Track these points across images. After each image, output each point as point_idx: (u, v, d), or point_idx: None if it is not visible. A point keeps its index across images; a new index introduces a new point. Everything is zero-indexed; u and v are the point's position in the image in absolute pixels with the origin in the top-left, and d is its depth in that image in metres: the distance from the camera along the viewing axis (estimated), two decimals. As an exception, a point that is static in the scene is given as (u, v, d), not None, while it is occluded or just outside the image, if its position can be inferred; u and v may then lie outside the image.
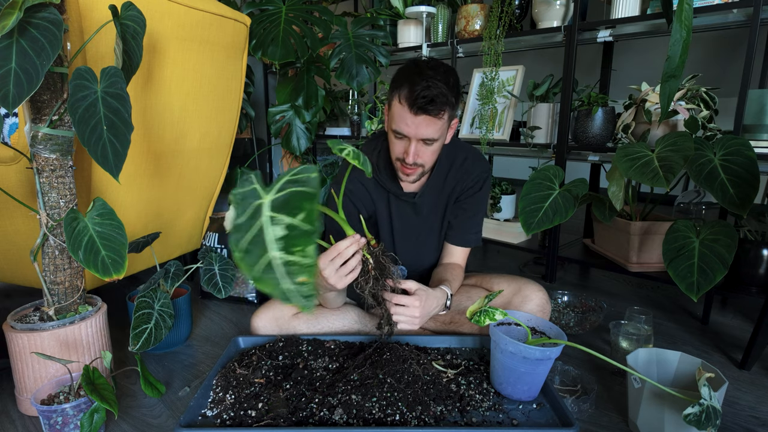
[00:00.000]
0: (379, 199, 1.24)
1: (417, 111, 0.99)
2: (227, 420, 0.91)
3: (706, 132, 1.49)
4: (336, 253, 0.94)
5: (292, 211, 0.53)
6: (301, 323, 1.24)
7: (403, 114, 1.02)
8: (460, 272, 1.27)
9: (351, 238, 0.95)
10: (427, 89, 0.98)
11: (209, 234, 1.76)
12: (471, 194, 1.23)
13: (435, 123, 1.02)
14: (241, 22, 1.54)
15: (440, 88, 0.98)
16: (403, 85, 1.01)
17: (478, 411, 0.94)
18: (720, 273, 1.14)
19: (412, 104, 0.99)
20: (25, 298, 1.54)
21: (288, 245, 0.52)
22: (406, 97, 1.00)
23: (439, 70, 1.01)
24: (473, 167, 1.23)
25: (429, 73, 0.99)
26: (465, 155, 1.24)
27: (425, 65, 1.02)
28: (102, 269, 0.89)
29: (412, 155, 1.06)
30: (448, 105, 1.01)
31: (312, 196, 0.54)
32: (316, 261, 0.52)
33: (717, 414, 0.80)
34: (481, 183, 1.24)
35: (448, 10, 2.16)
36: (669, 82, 1.27)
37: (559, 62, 1.76)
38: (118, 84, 0.91)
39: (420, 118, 1.00)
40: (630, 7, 1.60)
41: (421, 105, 0.98)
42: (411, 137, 1.04)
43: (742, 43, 3.00)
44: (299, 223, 0.52)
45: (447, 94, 1.00)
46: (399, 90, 1.02)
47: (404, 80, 1.01)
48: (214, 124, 1.55)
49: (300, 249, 0.52)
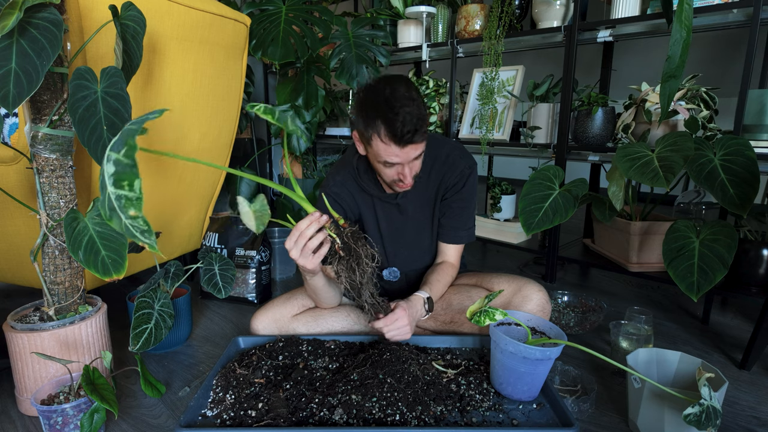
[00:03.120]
0: (363, 202, 1.25)
1: (404, 144, 1.00)
2: (227, 420, 0.91)
3: (706, 132, 1.49)
4: (298, 233, 0.96)
5: (119, 148, 0.61)
6: (301, 324, 1.24)
7: (389, 150, 1.02)
8: (450, 271, 1.27)
9: (310, 216, 0.96)
10: (405, 124, 0.97)
11: (209, 234, 1.76)
12: (457, 190, 1.23)
13: (421, 144, 1.04)
14: (241, 22, 1.54)
15: (414, 114, 0.98)
16: (379, 125, 0.99)
17: (478, 411, 0.94)
18: (720, 273, 1.14)
19: (398, 141, 0.99)
20: (25, 298, 1.54)
21: (117, 180, 0.60)
22: (387, 135, 0.99)
23: (404, 97, 0.99)
24: (457, 162, 1.22)
25: (397, 105, 0.97)
26: (448, 151, 1.23)
27: (391, 97, 0.99)
28: (102, 269, 0.89)
29: (410, 176, 1.07)
30: (425, 122, 1.02)
31: (133, 132, 0.61)
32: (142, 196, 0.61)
33: (717, 414, 0.80)
34: (465, 178, 1.22)
35: (448, 10, 2.16)
36: (669, 82, 1.27)
37: (559, 62, 1.76)
38: (118, 84, 0.91)
39: (408, 148, 1.01)
40: (630, 7, 1.60)
41: (408, 139, 0.99)
42: (404, 163, 1.05)
43: (742, 43, 3.00)
44: (122, 158, 0.60)
45: (423, 115, 1.00)
46: (375, 129, 1.00)
47: (377, 118, 0.99)
48: (214, 125, 1.55)
49: (127, 183, 0.60)
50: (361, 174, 1.22)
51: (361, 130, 1.05)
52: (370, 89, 1.03)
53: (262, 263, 1.71)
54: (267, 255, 1.74)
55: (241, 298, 1.71)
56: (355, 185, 1.24)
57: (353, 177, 1.23)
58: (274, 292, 1.83)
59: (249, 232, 1.73)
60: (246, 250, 1.70)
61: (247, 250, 1.70)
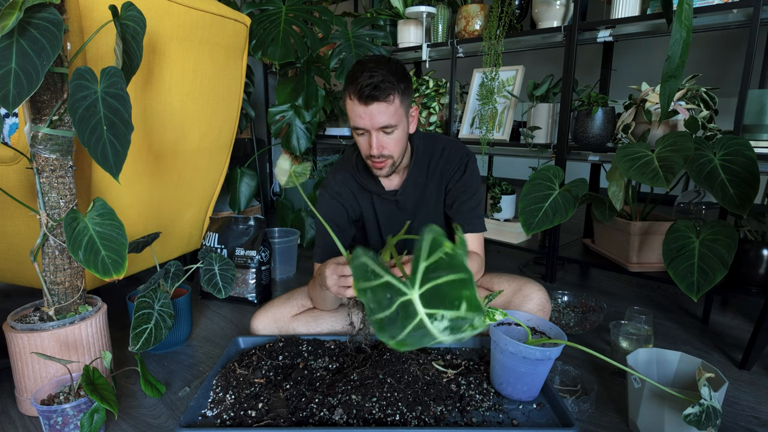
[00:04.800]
0: (364, 200, 1.26)
1: (366, 100, 1.03)
2: (227, 420, 0.91)
3: (706, 132, 1.49)
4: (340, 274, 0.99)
5: (452, 304, 0.47)
6: (301, 325, 1.24)
7: (355, 108, 1.06)
8: (477, 259, 1.24)
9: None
10: (370, 78, 1.02)
11: (209, 234, 1.76)
12: (458, 177, 1.23)
13: (387, 108, 1.05)
14: (241, 23, 1.54)
15: (383, 74, 1.02)
16: (350, 83, 1.06)
17: (478, 411, 0.94)
18: (720, 273, 1.14)
19: (360, 95, 1.03)
20: (25, 298, 1.54)
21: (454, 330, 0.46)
22: (353, 91, 1.04)
23: (381, 61, 1.06)
24: (453, 154, 1.23)
25: (371, 66, 1.04)
26: (443, 146, 1.24)
27: (367, 60, 1.07)
28: (102, 269, 0.89)
29: (376, 147, 1.08)
30: (395, 89, 1.04)
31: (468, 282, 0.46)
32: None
33: (717, 414, 0.80)
34: (464, 165, 1.23)
35: (448, 10, 2.16)
36: (669, 82, 1.27)
37: (559, 62, 1.76)
38: (118, 84, 0.91)
39: (372, 107, 1.04)
40: (630, 7, 1.60)
41: (368, 93, 1.02)
42: (369, 129, 1.07)
43: (742, 43, 3.00)
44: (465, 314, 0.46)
45: (391, 79, 1.03)
46: (347, 89, 1.07)
47: (350, 79, 1.06)
48: (214, 124, 1.55)
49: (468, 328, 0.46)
50: (360, 171, 1.23)
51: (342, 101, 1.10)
52: (358, 61, 1.10)
53: (262, 263, 1.71)
54: (267, 255, 1.74)
55: (241, 298, 1.71)
56: (355, 183, 1.25)
57: (353, 175, 1.24)
58: (274, 292, 1.83)
59: (249, 232, 1.72)
60: (246, 250, 1.70)
61: (247, 250, 1.70)
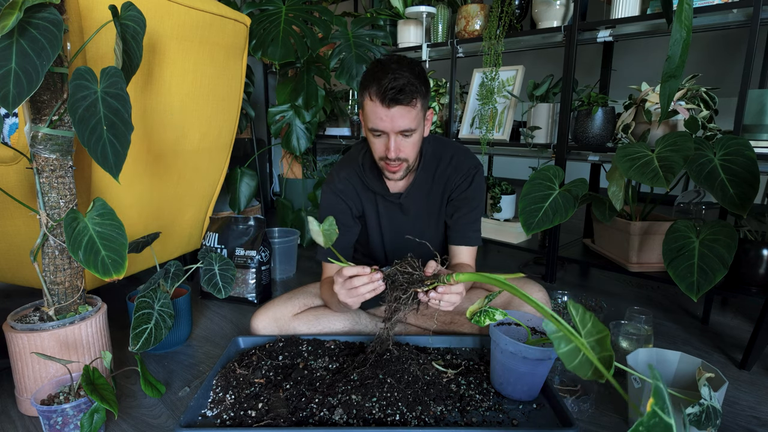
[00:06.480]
0: (367, 200, 1.26)
1: (389, 103, 1.01)
2: (227, 420, 0.91)
3: (706, 132, 1.49)
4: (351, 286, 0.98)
5: None
6: (301, 324, 1.24)
7: (376, 110, 1.03)
8: (470, 270, 1.25)
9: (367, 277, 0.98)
10: (394, 80, 1.00)
11: (209, 234, 1.76)
12: (463, 189, 1.22)
13: (409, 112, 1.03)
14: (241, 23, 1.54)
15: (407, 77, 1.01)
16: (371, 84, 1.03)
17: (478, 411, 0.94)
18: (720, 273, 1.14)
19: (383, 98, 1.01)
20: (25, 298, 1.54)
21: None
22: (375, 93, 1.02)
23: (403, 62, 1.04)
24: (461, 164, 1.22)
25: (393, 67, 1.02)
26: (452, 153, 1.23)
27: (389, 61, 1.05)
28: (102, 269, 0.89)
29: (394, 150, 1.07)
30: (418, 93, 1.03)
31: None
32: None
33: (717, 414, 0.80)
34: (471, 178, 1.22)
35: (448, 10, 2.16)
36: (669, 82, 1.27)
37: (559, 62, 1.76)
38: (118, 84, 0.91)
39: (393, 110, 1.02)
40: (630, 7, 1.60)
41: (392, 96, 1.00)
42: (389, 132, 1.05)
43: (742, 43, 3.00)
44: None
45: (415, 82, 1.02)
46: (368, 89, 1.04)
47: (371, 79, 1.03)
48: (214, 124, 1.55)
49: None
50: (366, 170, 1.22)
51: (359, 97, 1.07)
52: (377, 60, 1.07)
53: (262, 263, 1.71)
54: (267, 255, 1.74)
55: (241, 298, 1.71)
56: (360, 182, 1.24)
57: (358, 173, 1.23)
58: (274, 292, 1.83)
59: (249, 232, 1.72)
60: (246, 250, 1.70)
61: (247, 250, 1.70)
